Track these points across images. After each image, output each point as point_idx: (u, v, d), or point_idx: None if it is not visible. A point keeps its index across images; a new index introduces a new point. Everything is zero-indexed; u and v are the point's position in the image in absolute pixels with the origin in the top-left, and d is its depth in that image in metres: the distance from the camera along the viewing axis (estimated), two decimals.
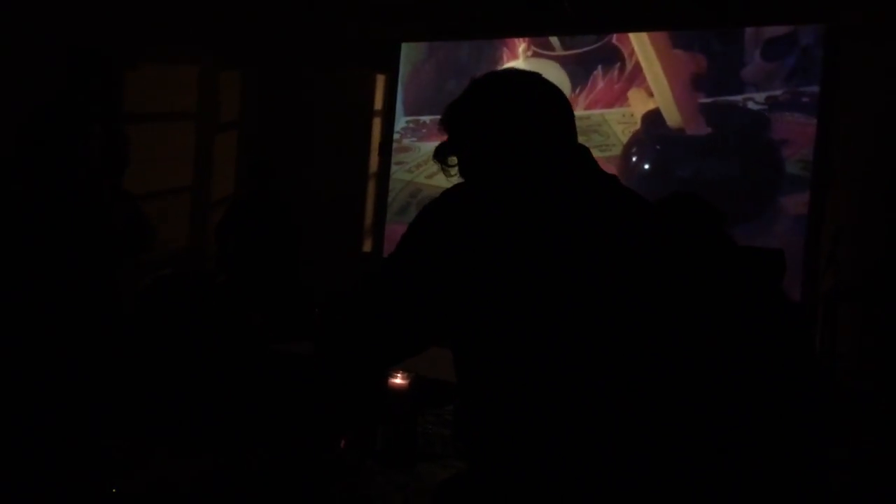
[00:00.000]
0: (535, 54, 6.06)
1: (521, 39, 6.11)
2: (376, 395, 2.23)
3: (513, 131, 1.43)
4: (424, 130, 6.43)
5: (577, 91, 5.82)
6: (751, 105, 5.23)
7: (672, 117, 5.53)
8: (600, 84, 5.80)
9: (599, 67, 5.78)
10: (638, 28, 5.61)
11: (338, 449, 2.18)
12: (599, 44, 5.81)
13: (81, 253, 2.71)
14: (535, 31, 5.99)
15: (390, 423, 2.12)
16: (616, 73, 5.74)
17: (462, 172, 1.50)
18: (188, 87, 6.29)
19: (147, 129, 5.73)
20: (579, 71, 5.86)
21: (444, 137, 1.51)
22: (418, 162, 6.41)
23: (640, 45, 5.64)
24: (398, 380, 2.12)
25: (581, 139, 1.49)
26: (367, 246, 6.73)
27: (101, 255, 2.82)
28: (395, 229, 6.26)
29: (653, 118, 5.59)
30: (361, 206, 6.73)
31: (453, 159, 1.51)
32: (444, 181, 1.53)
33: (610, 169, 1.87)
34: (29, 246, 2.63)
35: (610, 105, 5.76)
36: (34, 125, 2.74)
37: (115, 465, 1.95)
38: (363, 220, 6.74)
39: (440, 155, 1.52)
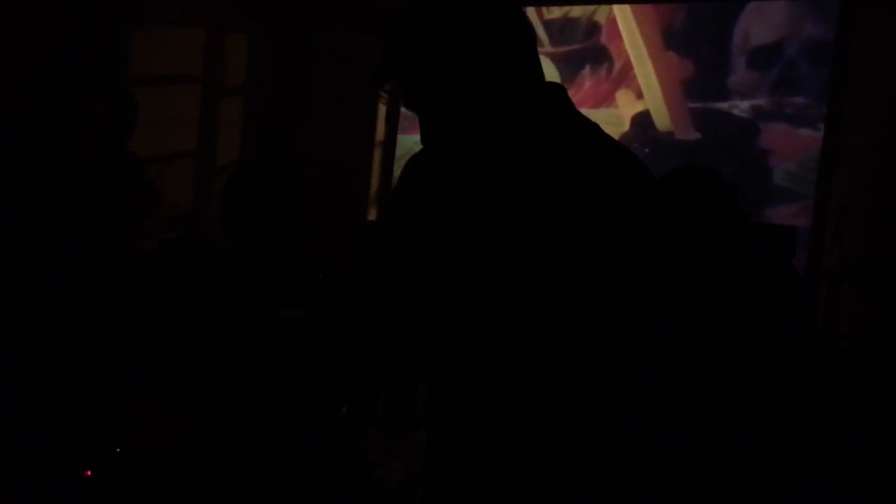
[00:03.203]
0: None
1: None
2: (378, 365, 2.24)
3: (482, 58, 1.21)
4: None
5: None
6: (736, 112, 5.22)
7: (662, 120, 5.51)
8: (587, 83, 5.79)
9: (587, 67, 5.76)
10: None
11: (339, 415, 2.20)
12: (588, 43, 5.78)
13: (86, 214, 2.71)
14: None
15: (391, 390, 2.13)
16: (604, 73, 5.72)
17: (409, 104, 1.27)
18: (195, 51, 6.24)
19: (153, 91, 5.69)
20: (567, 69, 5.83)
21: None
22: None
23: (633, 44, 5.59)
24: None
25: None
26: (372, 214, 6.72)
27: (107, 217, 2.82)
28: None
29: (642, 120, 5.57)
30: (367, 174, 6.71)
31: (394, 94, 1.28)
32: None
33: None
34: (33, 207, 2.63)
35: (597, 105, 5.76)
36: (39, 87, 2.73)
37: (119, 425, 1.97)
38: (368, 189, 6.72)
39: (378, 79, 1.27)
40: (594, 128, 1.28)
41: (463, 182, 1.22)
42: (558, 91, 1.28)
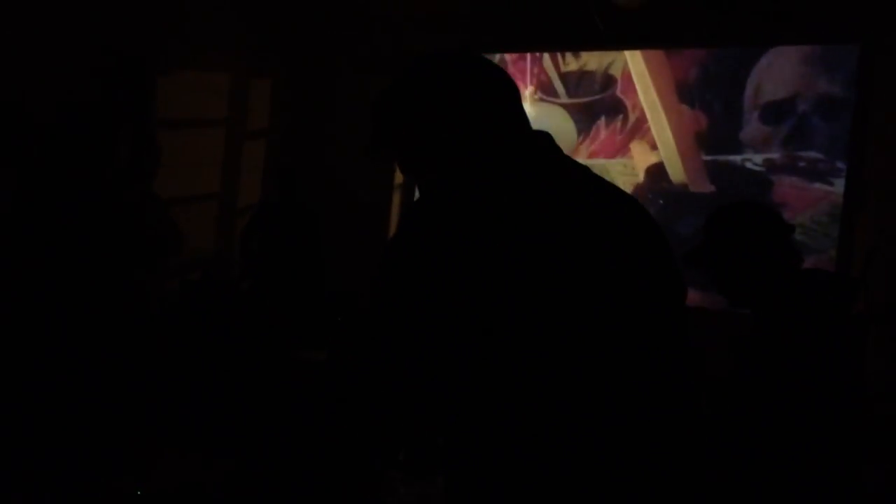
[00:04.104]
0: (541, 99, 6.13)
1: (528, 84, 6.15)
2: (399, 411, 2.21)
3: (468, 117, 1.25)
4: None
5: (581, 139, 5.92)
6: (749, 166, 5.25)
7: (676, 173, 5.56)
8: (603, 134, 5.87)
9: (603, 118, 5.84)
10: (665, 44, 5.60)
11: (363, 459, 2.17)
12: (603, 95, 5.86)
13: (107, 253, 2.73)
14: (562, 46, 6.00)
15: (412, 433, 2.11)
16: (619, 124, 5.79)
17: (404, 170, 1.31)
18: (219, 94, 6.34)
19: (177, 134, 5.77)
20: (583, 119, 5.93)
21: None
22: None
23: (648, 97, 5.66)
24: None
25: None
26: None
27: (129, 257, 2.84)
28: None
29: (656, 172, 5.62)
30: (386, 216, 6.74)
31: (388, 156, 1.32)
32: None
33: None
34: (55, 246, 2.66)
35: (612, 155, 5.83)
36: (63, 127, 2.77)
37: (140, 465, 1.96)
38: (388, 231, 6.74)
39: (371, 152, 1.33)
40: (584, 168, 1.31)
41: (465, 224, 1.20)
42: (545, 137, 1.30)
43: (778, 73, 5.24)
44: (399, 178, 6.72)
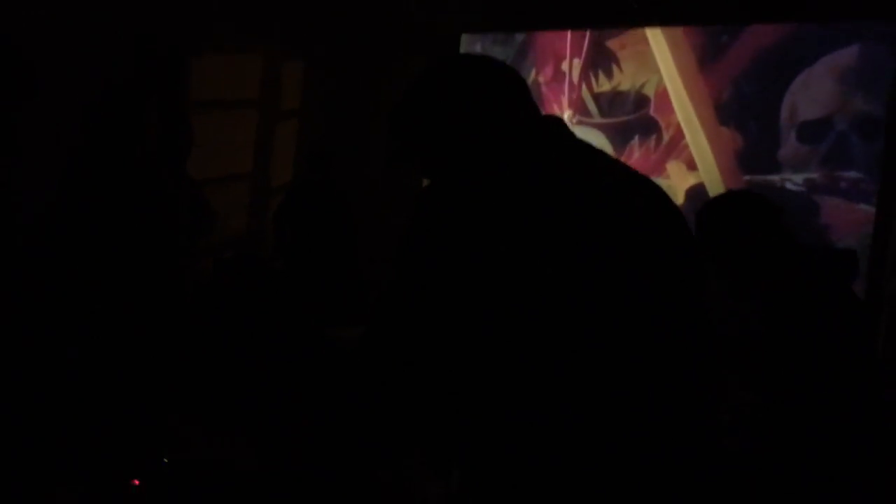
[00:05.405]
0: (579, 122, 6.05)
1: (565, 108, 6.09)
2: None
3: (484, 117, 1.29)
4: None
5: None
6: (789, 186, 5.14)
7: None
8: (637, 154, 5.79)
9: (636, 137, 5.77)
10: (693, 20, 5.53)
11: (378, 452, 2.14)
12: (637, 114, 5.80)
13: (142, 232, 2.77)
14: (595, 24, 5.94)
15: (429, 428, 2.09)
16: (653, 143, 5.72)
17: (427, 174, 1.37)
18: (252, 76, 6.38)
19: (211, 116, 5.83)
20: (616, 139, 5.87)
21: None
22: None
23: (686, 116, 5.58)
24: None
25: None
26: None
27: (163, 237, 2.89)
28: None
29: (696, 194, 5.50)
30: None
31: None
32: None
33: None
34: (90, 226, 2.71)
35: (648, 175, 5.71)
36: (93, 109, 2.82)
37: (172, 440, 2.00)
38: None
39: (396, 162, 1.41)
40: (599, 152, 1.34)
41: (483, 209, 1.24)
42: (557, 124, 1.34)
43: (813, 92, 5.13)
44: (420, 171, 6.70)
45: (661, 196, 1.31)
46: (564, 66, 6.11)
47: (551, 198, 1.21)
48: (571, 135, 1.32)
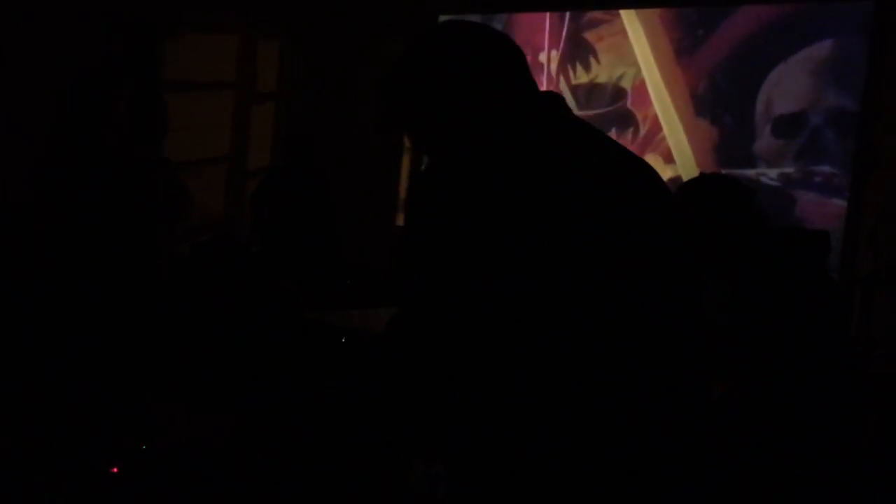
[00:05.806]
0: None
1: None
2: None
3: (478, 88, 1.23)
4: None
5: None
6: (765, 180, 5.17)
7: None
8: None
9: (613, 130, 5.75)
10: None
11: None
12: (614, 107, 5.80)
13: (116, 215, 2.75)
14: (572, 5, 5.93)
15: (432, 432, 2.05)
16: (630, 136, 5.72)
17: (417, 145, 1.31)
18: (227, 57, 6.32)
19: (186, 97, 5.77)
20: None
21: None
22: None
23: (664, 109, 5.59)
24: None
25: None
26: (400, 219, 6.74)
27: (138, 220, 2.86)
28: None
29: (673, 187, 5.46)
30: (396, 179, 6.74)
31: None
32: None
33: None
34: (63, 210, 2.68)
35: None
36: (66, 92, 2.79)
37: (148, 424, 1.99)
38: (398, 194, 6.74)
39: (384, 129, 1.35)
40: (598, 131, 1.30)
41: (481, 189, 1.19)
42: (555, 100, 1.29)
43: (788, 85, 5.15)
44: (408, 141, 6.70)
45: (655, 177, 1.31)
46: (542, 57, 6.10)
47: (549, 173, 1.18)
48: (569, 111, 1.29)
